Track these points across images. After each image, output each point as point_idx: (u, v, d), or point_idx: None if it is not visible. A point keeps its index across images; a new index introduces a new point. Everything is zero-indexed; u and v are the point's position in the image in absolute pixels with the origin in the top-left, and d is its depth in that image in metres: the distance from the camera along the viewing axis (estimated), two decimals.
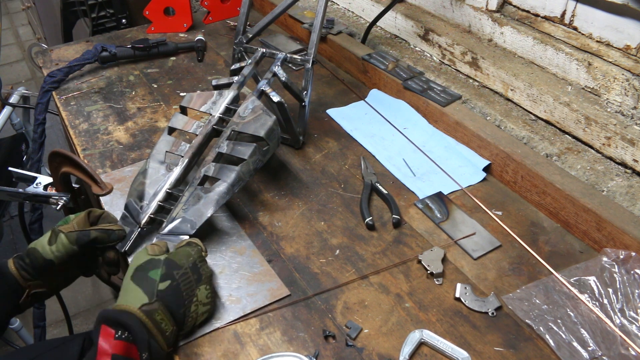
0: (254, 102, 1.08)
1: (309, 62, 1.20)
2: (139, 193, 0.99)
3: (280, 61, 1.19)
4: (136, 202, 0.98)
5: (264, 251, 0.99)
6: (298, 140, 1.21)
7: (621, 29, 1.10)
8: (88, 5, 1.77)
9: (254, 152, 1.00)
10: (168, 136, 1.07)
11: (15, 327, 1.83)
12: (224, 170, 0.99)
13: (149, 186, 1.00)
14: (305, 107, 1.20)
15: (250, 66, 1.19)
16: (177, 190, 1.00)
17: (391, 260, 0.97)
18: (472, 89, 1.33)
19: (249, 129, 1.03)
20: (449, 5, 1.44)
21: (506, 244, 1.00)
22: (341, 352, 0.82)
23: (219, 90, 1.14)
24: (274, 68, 1.17)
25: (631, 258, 0.91)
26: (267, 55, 1.23)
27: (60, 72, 1.44)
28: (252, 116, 1.05)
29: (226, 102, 1.10)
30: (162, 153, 1.05)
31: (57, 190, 1.10)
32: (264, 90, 1.13)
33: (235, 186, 0.98)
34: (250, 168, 1.01)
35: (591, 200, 0.99)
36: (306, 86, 1.20)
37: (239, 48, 1.30)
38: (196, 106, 1.10)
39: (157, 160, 1.04)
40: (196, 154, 1.05)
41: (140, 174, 1.03)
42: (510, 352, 0.82)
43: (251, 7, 1.32)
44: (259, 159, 1.02)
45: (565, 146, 1.13)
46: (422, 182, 1.14)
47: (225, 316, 0.87)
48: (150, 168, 1.02)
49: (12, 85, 3.03)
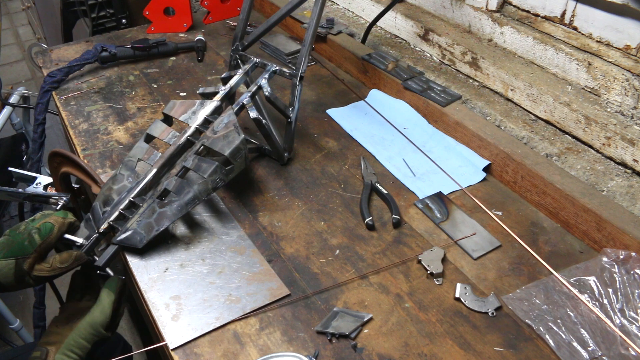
0: (229, 117, 1.03)
1: (296, 77, 1.14)
2: (105, 198, 0.98)
3: (268, 74, 1.15)
4: (101, 207, 0.97)
5: (264, 251, 0.99)
6: (282, 157, 1.17)
7: (621, 29, 1.10)
8: (88, 5, 1.77)
9: (214, 171, 0.97)
10: (143, 143, 1.04)
11: (15, 327, 1.83)
12: (182, 186, 0.97)
13: (115, 193, 0.98)
14: (291, 123, 1.15)
15: (239, 76, 1.15)
16: (139, 200, 0.97)
17: (391, 260, 0.97)
18: (472, 89, 1.33)
19: (217, 146, 0.99)
20: (449, 5, 1.44)
21: (506, 244, 1.00)
22: (341, 352, 0.82)
23: (204, 98, 1.11)
24: (260, 81, 1.13)
25: (631, 258, 0.91)
26: (259, 65, 1.19)
27: (60, 72, 1.44)
28: (224, 132, 1.01)
29: (206, 113, 1.06)
30: (134, 160, 1.03)
31: (57, 190, 1.11)
32: (244, 104, 1.09)
33: (190, 204, 0.96)
34: (208, 187, 0.97)
35: (591, 200, 0.99)
36: (293, 102, 1.14)
37: (235, 55, 1.27)
38: (177, 115, 1.07)
39: (128, 167, 1.02)
40: (166, 164, 1.02)
41: (110, 179, 1.01)
42: (510, 352, 0.82)
43: (251, 11, 1.29)
44: (220, 179, 0.98)
45: (565, 146, 1.13)
46: (422, 182, 1.14)
47: (225, 315, 0.87)
48: (119, 174, 1.01)
49: (12, 85, 3.03)
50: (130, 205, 0.97)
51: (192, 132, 1.04)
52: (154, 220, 0.95)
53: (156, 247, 0.98)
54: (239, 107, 1.09)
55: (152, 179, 1.00)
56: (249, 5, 1.26)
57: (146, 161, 1.02)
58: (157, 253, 0.97)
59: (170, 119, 1.09)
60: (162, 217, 0.95)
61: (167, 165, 1.02)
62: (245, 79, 1.19)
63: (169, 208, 0.96)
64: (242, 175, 1.16)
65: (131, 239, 0.94)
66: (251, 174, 1.16)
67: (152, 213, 0.96)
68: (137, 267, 0.95)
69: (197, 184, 0.97)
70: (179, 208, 0.96)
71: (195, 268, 0.95)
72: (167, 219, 0.95)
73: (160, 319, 0.87)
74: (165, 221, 0.95)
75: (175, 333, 0.84)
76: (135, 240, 0.94)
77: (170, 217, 0.95)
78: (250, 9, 1.27)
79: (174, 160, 1.03)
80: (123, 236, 0.94)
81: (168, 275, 0.93)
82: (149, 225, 0.95)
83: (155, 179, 1.00)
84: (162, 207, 0.96)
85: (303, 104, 1.38)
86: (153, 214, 0.95)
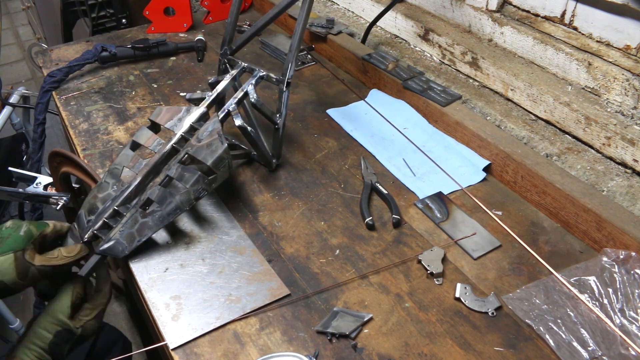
0: (214, 124, 1.01)
1: (283, 83, 1.11)
2: (91, 206, 0.97)
3: (255, 79, 1.13)
4: (85, 216, 0.96)
5: (264, 251, 0.99)
6: (270, 163, 1.16)
7: (621, 29, 1.10)
8: (88, 5, 1.77)
9: (196, 181, 0.96)
10: (129, 151, 1.03)
11: (15, 327, 1.83)
12: (165, 196, 0.96)
13: (100, 201, 0.97)
14: (279, 129, 1.13)
15: (226, 82, 1.14)
16: (124, 209, 0.96)
17: (391, 260, 0.97)
18: (472, 89, 1.33)
19: (200, 155, 0.98)
20: (449, 5, 1.44)
21: (506, 244, 1.00)
22: (341, 352, 0.82)
23: (191, 105, 1.10)
24: (246, 87, 1.11)
25: (631, 258, 0.91)
26: (247, 70, 1.18)
27: (60, 72, 1.44)
28: (208, 140, 0.99)
29: (192, 120, 1.03)
30: (119, 168, 1.01)
31: (57, 190, 1.11)
32: (230, 111, 1.08)
33: (172, 215, 0.95)
34: (191, 197, 0.96)
35: (591, 200, 0.99)
36: (280, 108, 1.12)
37: (223, 59, 1.24)
38: (163, 121, 1.05)
39: (113, 175, 1.00)
40: (151, 172, 1.00)
41: (96, 187, 1.00)
42: (510, 352, 0.82)
43: (239, 13, 1.25)
44: (203, 189, 0.97)
45: (565, 146, 1.13)
46: (422, 182, 1.14)
47: (225, 315, 0.87)
48: (104, 182, 1.00)
49: (12, 85, 3.03)
50: (114, 214, 0.96)
51: (178, 139, 1.02)
52: (135, 230, 0.94)
53: (156, 247, 0.98)
54: (225, 114, 1.07)
55: (136, 188, 0.98)
56: (237, 8, 1.23)
57: (131, 169, 1.01)
58: (157, 253, 0.97)
59: (157, 125, 1.07)
60: (144, 227, 0.95)
61: (152, 174, 1.01)
62: (233, 83, 1.17)
63: (151, 218, 0.95)
64: (242, 176, 1.16)
65: (113, 249, 0.93)
66: (251, 174, 1.16)
67: (134, 223, 0.95)
68: (137, 267, 0.95)
69: (179, 194, 0.96)
70: (160, 219, 0.95)
71: (195, 268, 0.95)
72: (149, 230, 0.95)
73: (160, 319, 0.87)
74: (147, 231, 0.95)
75: (175, 333, 0.84)
76: (117, 251, 0.93)
77: (152, 227, 0.95)
78: (238, 11, 1.23)
79: (159, 168, 1.01)
80: (105, 246, 0.93)
81: (168, 275, 0.94)
82: (131, 235, 0.94)
83: (140, 187, 0.99)
84: (144, 217, 0.95)
85: (303, 104, 1.38)
86: (135, 224, 0.95)
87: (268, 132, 1.19)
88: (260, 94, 1.17)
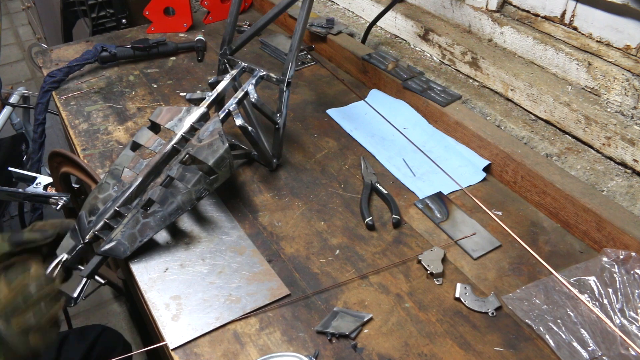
0: (215, 124, 1.01)
1: (283, 83, 1.11)
2: (92, 207, 0.97)
3: (255, 79, 1.12)
4: (86, 217, 0.96)
5: (264, 251, 0.99)
6: (271, 163, 1.16)
7: (621, 29, 1.10)
8: (88, 5, 1.77)
9: (197, 181, 0.96)
10: (129, 151, 1.03)
11: None
12: (166, 196, 0.96)
13: (101, 202, 0.97)
14: (279, 129, 1.13)
15: (226, 82, 1.13)
16: (125, 209, 0.96)
17: (391, 260, 0.97)
18: (472, 89, 1.33)
19: (201, 155, 0.98)
20: (449, 5, 1.44)
21: (506, 244, 1.00)
22: (341, 352, 0.82)
23: (191, 105, 1.09)
24: (247, 87, 1.11)
25: (631, 258, 0.91)
26: (247, 70, 1.17)
27: (60, 72, 1.44)
28: (209, 140, 0.99)
29: (192, 120, 1.03)
30: (120, 168, 1.01)
31: (57, 190, 1.11)
32: (230, 111, 1.08)
33: (173, 215, 0.95)
34: (192, 197, 0.96)
35: (591, 200, 0.99)
36: (280, 108, 1.12)
37: (223, 59, 1.24)
38: (163, 122, 1.05)
39: (114, 176, 1.00)
40: (152, 173, 1.00)
41: (96, 187, 1.00)
42: (510, 352, 0.82)
43: (239, 13, 1.25)
44: (204, 189, 0.97)
45: (565, 146, 1.13)
46: (422, 182, 1.14)
47: (225, 315, 0.87)
48: (105, 183, 1.00)
49: (12, 85, 3.03)
50: (115, 215, 0.96)
51: (178, 139, 1.02)
52: (137, 231, 0.94)
53: (156, 247, 0.98)
54: (225, 114, 1.07)
55: (137, 188, 0.98)
56: (237, 8, 1.23)
57: (132, 169, 1.01)
58: (157, 253, 0.97)
59: (157, 126, 1.07)
60: (145, 227, 0.95)
61: (153, 174, 1.01)
62: (233, 84, 1.17)
63: (152, 219, 0.95)
64: (242, 176, 1.16)
65: (115, 250, 0.93)
66: (251, 174, 1.16)
67: (136, 224, 0.95)
68: (137, 268, 0.95)
69: (180, 194, 0.96)
70: (162, 219, 0.95)
71: (195, 268, 0.95)
72: (151, 230, 0.95)
73: (160, 319, 0.87)
74: (149, 232, 0.95)
75: (175, 333, 0.84)
76: (119, 251, 0.93)
77: (153, 227, 0.95)
78: (238, 11, 1.23)
79: (160, 168, 1.01)
80: (107, 247, 0.93)
81: (168, 275, 0.94)
82: (133, 236, 0.94)
83: (140, 188, 0.99)
84: (145, 217, 0.95)
85: (303, 104, 1.38)
86: (137, 225, 0.95)
87: (268, 132, 1.19)
88: (260, 94, 1.17)
